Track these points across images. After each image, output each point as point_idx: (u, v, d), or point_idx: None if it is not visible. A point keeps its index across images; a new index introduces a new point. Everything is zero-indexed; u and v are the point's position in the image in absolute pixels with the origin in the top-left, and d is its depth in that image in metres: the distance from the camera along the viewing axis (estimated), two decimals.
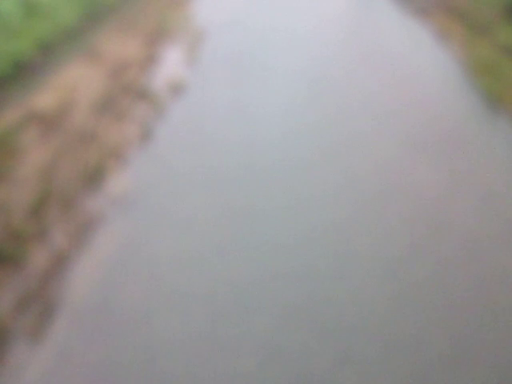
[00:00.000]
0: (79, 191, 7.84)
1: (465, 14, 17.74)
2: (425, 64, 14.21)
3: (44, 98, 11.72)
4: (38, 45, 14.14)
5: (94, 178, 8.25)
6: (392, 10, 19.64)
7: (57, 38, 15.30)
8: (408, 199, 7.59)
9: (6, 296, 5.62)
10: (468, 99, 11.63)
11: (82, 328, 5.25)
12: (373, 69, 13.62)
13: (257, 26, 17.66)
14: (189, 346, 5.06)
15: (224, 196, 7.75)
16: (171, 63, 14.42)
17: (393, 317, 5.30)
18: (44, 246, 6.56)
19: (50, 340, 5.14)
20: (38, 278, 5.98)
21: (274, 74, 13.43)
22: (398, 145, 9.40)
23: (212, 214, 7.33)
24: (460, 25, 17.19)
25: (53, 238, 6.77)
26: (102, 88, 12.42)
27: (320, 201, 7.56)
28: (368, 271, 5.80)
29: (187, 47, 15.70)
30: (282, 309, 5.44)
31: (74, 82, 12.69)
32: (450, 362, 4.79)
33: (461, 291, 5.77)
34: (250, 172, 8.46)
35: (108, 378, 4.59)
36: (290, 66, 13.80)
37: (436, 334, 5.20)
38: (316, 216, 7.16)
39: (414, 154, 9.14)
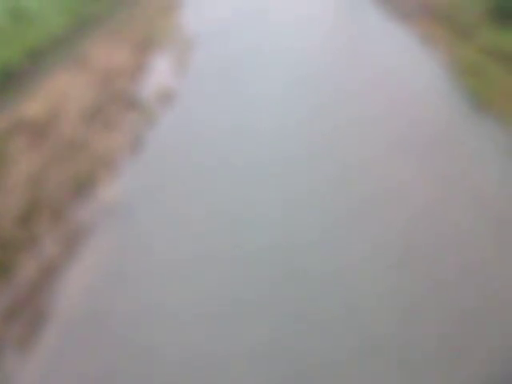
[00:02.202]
0: (69, 200, 7.83)
1: (449, 18, 18.01)
2: (411, 68, 14.34)
3: (33, 105, 11.67)
4: (27, 52, 14.09)
5: (83, 186, 8.24)
6: (376, 14, 19.87)
7: (46, 45, 15.26)
8: (396, 202, 7.69)
9: None
10: (455, 102, 11.66)
11: (72, 337, 5.23)
12: (359, 74, 13.75)
13: (245, 33, 17.78)
14: (180, 355, 5.07)
15: (215, 204, 7.78)
16: (161, 72, 14.46)
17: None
18: (34, 254, 6.53)
19: (39, 350, 5.11)
20: (27, 287, 5.95)
21: (262, 81, 13.52)
22: (385, 149, 9.50)
23: (203, 223, 7.36)
24: (444, 28, 17.45)
25: (43, 247, 6.74)
26: (92, 96, 12.41)
27: (310, 207, 7.65)
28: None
29: (177, 55, 15.75)
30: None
31: (63, 90, 12.66)
32: None
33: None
34: (242, 179, 8.51)
35: None
36: (278, 73, 13.91)
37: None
38: (305, 224, 7.24)
39: (401, 157, 9.18)
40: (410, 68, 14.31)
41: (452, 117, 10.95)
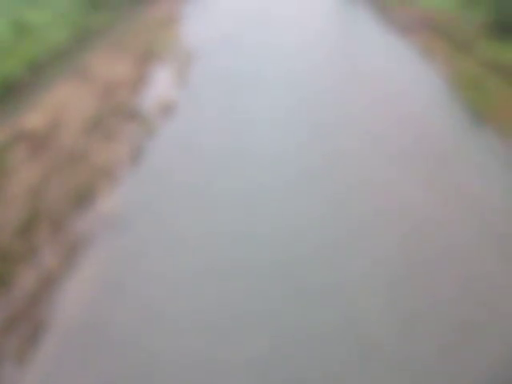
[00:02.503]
0: (69, 211, 7.83)
1: (447, 31, 18.18)
2: (411, 80, 14.44)
3: (34, 117, 11.73)
4: (29, 65, 14.20)
5: (83, 197, 8.25)
6: (377, 28, 20.08)
7: (47, 57, 15.37)
8: (398, 214, 7.69)
9: None
10: (454, 113, 11.87)
11: (70, 349, 5.20)
12: (361, 87, 13.86)
13: (245, 46, 17.92)
14: (179, 366, 5.04)
15: (214, 215, 7.79)
16: (161, 84, 14.56)
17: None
18: (33, 266, 6.52)
19: (38, 361, 5.08)
20: (26, 298, 5.93)
21: (261, 93, 13.61)
22: (386, 161, 9.54)
23: (202, 234, 7.36)
24: (443, 41, 17.61)
25: (42, 258, 6.73)
26: (92, 108, 12.48)
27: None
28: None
29: (177, 68, 15.87)
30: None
31: (64, 102, 12.73)
32: None
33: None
34: (240, 191, 8.53)
35: None
36: (278, 85, 14.00)
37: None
38: (307, 236, 7.25)
39: (403, 169, 9.19)
40: (410, 81, 14.42)
41: (452, 129, 11.06)
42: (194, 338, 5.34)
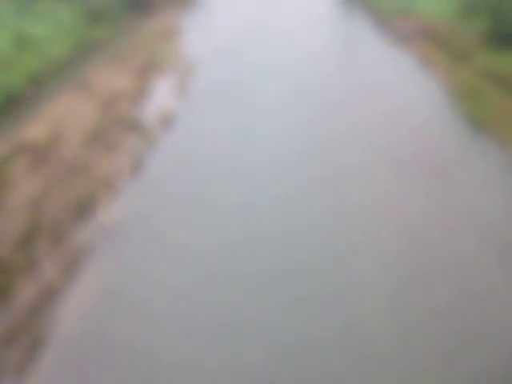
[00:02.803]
0: (69, 222, 7.83)
1: (446, 42, 18.30)
2: (411, 90, 14.49)
3: (35, 129, 11.78)
4: (30, 78, 14.30)
5: (84, 208, 8.26)
6: (377, 39, 20.23)
7: (49, 70, 15.48)
8: (399, 225, 7.69)
9: None
10: (454, 123, 12.00)
11: (69, 363, 5.16)
12: (362, 97, 13.93)
13: (244, 59, 18.04)
14: (180, 380, 5.00)
15: (215, 227, 7.78)
16: (161, 95, 14.64)
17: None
18: (33, 278, 6.50)
19: (36, 374, 5.04)
20: (26, 310, 5.90)
21: (260, 106, 13.67)
22: (389, 170, 9.54)
23: (203, 246, 7.35)
24: (442, 52, 17.73)
25: (42, 271, 6.71)
26: (93, 119, 12.54)
27: (314, 229, 7.66)
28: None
29: (177, 79, 15.98)
30: None
31: (65, 114, 12.79)
32: None
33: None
34: (240, 203, 8.53)
35: None
36: (277, 98, 14.05)
37: None
38: (311, 243, 7.24)
39: (405, 178, 9.18)
40: (410, 91, 14.50)
41: (453, 138, 11.16)
42: (194, 345, 5.30)
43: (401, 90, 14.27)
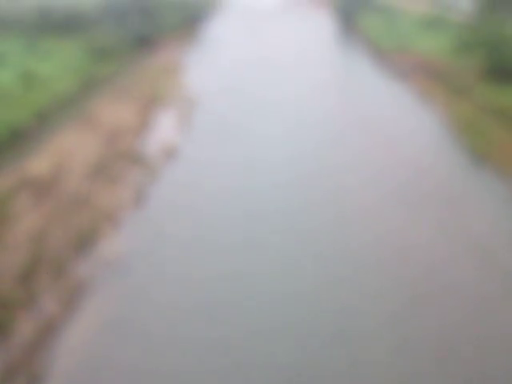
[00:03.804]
0: (70, 256, 7.80)
1: (445, 76, 18.62)
2: (412, 124, 14.69)
3: (38, 163, 11.89)
4: (35, 113, 14.53)
5: (85, 242, 8.23)
6: (376, 74, 20.59)
7: (54, 105, 15.75)
8: (402, 256, 7.65)
9: None
10: (455, 156, 12.14)
11: None
12: (363, 132, 14.09)
13: (245, 94, 18.34)
14: None
15: (217, 260, 7.74)
16: (164, 130, 14.83)
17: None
18: (32, 313, 6.42)
19: None
20: (24, 347, 5.80)
21: (260, 139, 13.80)
22: (391, 203, 9.61)
23: (204, 280, 7.28)
24: (441, 86, 18.01)
25: (42, 305, 6.63)
26: (96, 153, 12.66)
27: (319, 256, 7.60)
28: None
29: (179, 114, 16.23)
30: None
31: (69, 148, 12.93)
32: None
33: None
34: (242, 236, 8.50)
35: None
36: (277, 133, 14.19)
37: None
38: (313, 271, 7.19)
39: (408, 213, 9.21)
40: (411, 124, 14.68)
41: (455, 170, 11.29)
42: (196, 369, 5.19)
43: (401, 123, 14.49)
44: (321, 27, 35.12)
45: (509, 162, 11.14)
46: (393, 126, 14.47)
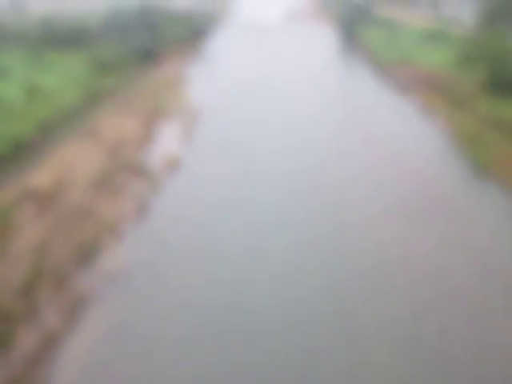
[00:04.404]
0: (72, 268, 7.79)
1: (446, 89, 18.72)
2: (415, 136, 14.72)
3: (41, 175, 11.94)
4: (39, 126, 14.63)
5: (87, 254, 8.22)
6: (379, 87, 20.70)
7: (57, 118, 15.85)
8: (404, 266, 7.63)
9: None
10: (458, 168, 12.19)
11: None
12: (366, 145, 14.15)
13: (247, 106, 18.42)
14: None
15: (219, 273, 7.71)
16: (166, 141, 14.90)
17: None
18: (33, 326, 6.39)
19: None
20: (25, 361, 5.77)
21: (262, 151, 13.84)
22: (394, 216, 9.62)
23: (207, 294, 7.25)
24: (443, 99, 18.11)
25: (42, 319, 6.61)
26: (99, 165, 12.71)
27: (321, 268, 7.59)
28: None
29: (181, 126, 16.31)
30: None
31: (72, 160, 12.99)
32: None
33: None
34: (244, 249, 8.50)
35: None
36: (280, 145, 14.24)
37: None
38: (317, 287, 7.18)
39: (410, 225, 9.20)
40: (414, 137, 14.71)
41: (457, 182, 11.31)
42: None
43: (404, 136, 14.55)
44: (322, 40, 35.41)
45: (511, 173, 11.17)
46: (396, 138, 14.53)
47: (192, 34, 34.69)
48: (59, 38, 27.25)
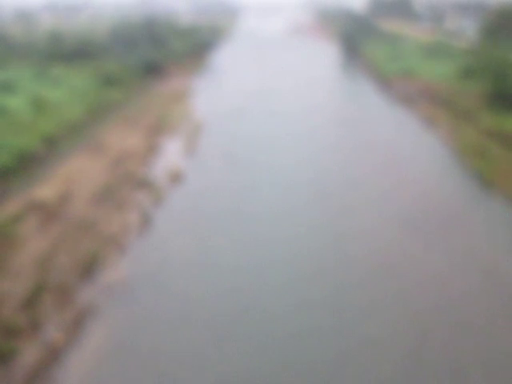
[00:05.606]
0: (75, 281, 7.81)
1: (448, 102, 18.78)
2: (416, 149, 14.88)
3: (45, 188, 12.02)
4: (44, 139, 14.77)
5: (90, 267, 8.25)
6: (380, 99, 20.78)
7: (63, 131, 16.01)
8: (407, 277, 7.63)
9: None
10: (460, 181, 12.31)
11: None
12: (369, 156, 14.23)
13: (250, 120, 18.56)
14: None
15: (222, 287, 7.72)
16: (170, 154, 15.00)
17: None
18: (36, 340, 6.40)
19: None
20: (26, 376, 5.77)
21: (264, 163, 13.93)
22: (397, 227, 9.66)
23: (210, 306, 7.25)
24: (445, 112, 18.18)
25: (45, 332, 6.62)
26: (104, 178, 12.79)
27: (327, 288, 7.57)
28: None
29: (185, 139, 16.42)
30: None
31: (76, 173, 13.09)
32: None
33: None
34: (248, 263, 8.50)
35: None
36: (283, 161, 14.32)
37: None
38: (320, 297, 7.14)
39: (413, 236, 9.34)
40: (416, 150, 14.85)
41: (460, 195, 11.44)
42: None
43: (407, 149, 14.66)
44: (325, 53, 35.69)
45: None
46: (400, 150, 14.66)
47: (197, 47, 34.97)
48: (66, 52, 27.59)
